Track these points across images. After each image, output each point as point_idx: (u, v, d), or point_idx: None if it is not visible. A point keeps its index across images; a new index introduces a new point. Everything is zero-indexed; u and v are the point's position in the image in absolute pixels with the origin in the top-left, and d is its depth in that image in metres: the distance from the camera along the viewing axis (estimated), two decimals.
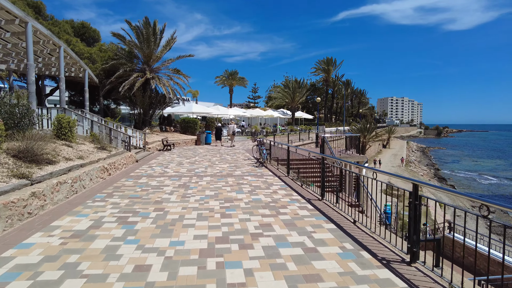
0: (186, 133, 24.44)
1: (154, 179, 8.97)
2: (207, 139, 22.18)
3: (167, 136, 20.16)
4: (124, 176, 9.44)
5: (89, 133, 11.90)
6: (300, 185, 8.33)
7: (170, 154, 15.66)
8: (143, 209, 5.86)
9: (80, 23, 27.18)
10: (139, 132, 15.30)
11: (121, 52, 23.77)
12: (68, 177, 6.75)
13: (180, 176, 9.51)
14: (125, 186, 7.93)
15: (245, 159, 13.86)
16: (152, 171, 10.33)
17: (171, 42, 24.21)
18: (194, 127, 24.33)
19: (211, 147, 19.74)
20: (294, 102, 42.31)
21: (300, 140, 27.69)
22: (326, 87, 59.33)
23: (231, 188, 7.78)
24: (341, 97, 65.29)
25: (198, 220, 5.26)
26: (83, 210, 5.73)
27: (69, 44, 21.74)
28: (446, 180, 48.31)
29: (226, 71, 61.13)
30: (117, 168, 10.17)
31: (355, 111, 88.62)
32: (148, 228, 4.85)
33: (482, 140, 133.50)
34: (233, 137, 21.58)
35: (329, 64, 57.22)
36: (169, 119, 27.39)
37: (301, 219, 5.34)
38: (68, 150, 9.13)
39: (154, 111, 25.12)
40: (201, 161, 12.97)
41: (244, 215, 5.54)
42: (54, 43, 13.69)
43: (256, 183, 8.47)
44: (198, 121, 26.37)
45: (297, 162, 12.44)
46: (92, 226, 4.89)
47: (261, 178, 9.34)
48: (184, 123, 24.40)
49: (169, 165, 11.68)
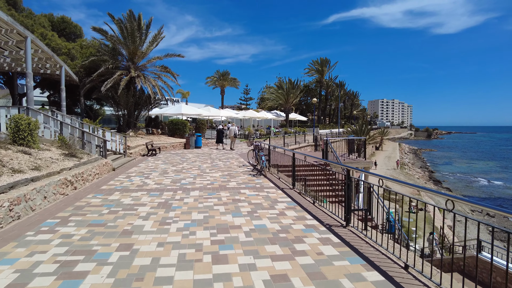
0: (174, 136, 22.63)
1: (129, 194, 7.22)
2: (197, 143, 20.42)
3: (152, 140, 18.33)
4: (93, 190, 7.66)
5: (58, 137, 10.07)
6: (311, 202, 6.71)
7: (155, 160, 13.88)
8: (102, 247, 4.15)
9: (60, 18, 25.15)
10: (119, 136, 13.48)
11: (104, 49, 21.83)
12: (5, 198, 4.99)
13: (162, 189, 7.79)
14: (90, 206, 6.17)
15: (240, 166, 12.20)
16: (129, 183, 8.57)
17: (158, 38, 22.39)
18: (183, 129, 22.54)
19: (202, 151, 18.00)
20: (288, 103, 40.78)
21: (296, 143, 26.17)
22: (320, 89, 58.06)
23: (226, 208, 6.11)
24: (335, 99, 64.17)
25: (179, 268, 3.57)
26: (13, 251, 3.97)
27: (45, 38, 19.75)
28: (441, 183, 47.52)
29: (217, 72, 59.42)
30: (86, 180, 8.38)
31: (348, 113, 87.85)
32: (101, 287, 3.15)
33: (471, 142, 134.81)
34: (234, 139, 20.18)
35: (323, 64, 56.01)
36: (156, 121, 25.52)
37: (329, 264, 3.71)
38: (23, 158, 7.33)
39: (139, 112, 23.25)
40: (189, 169, 11.25)
41: (246, 257, 3.88)
42: (19, 32, 11.79)
43: (257, 200, 6.81)
44: (188, 123, 24.60)
45: (300, 168, 10.86)
46: (11, 286, 3.16)
47: (262, 191, 7.69)
48: (172, 125, 22.59)
49: (151, 175, 9.93)
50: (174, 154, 16.32)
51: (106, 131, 13.04)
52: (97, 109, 29.45)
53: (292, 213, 5.87)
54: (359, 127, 46.29)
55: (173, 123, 22.54)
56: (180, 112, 27.44)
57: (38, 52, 14.28)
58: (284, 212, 5.88)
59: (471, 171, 57.88)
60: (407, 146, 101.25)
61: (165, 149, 18.65)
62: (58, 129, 10.66)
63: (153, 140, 17.99)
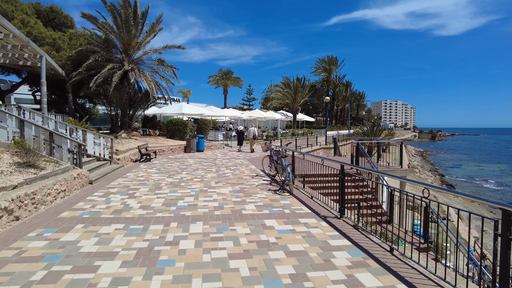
0: (173, 138, 20.13)
1: (97, 230, 4.69)
2: (199, 146, 17.90)
3: (147, 142, 15.81)
4: (45, 220, 5.14)
5: (13, 140, 7.57)
6: (388, 250, 4.15)
7: (148, 167, 11.37)
8: None
9: (48, 7, 22.69)
10: (104, 138, 10.96)
11: (96, 40, 19.33)
12: None
13: (149, 219, 5.26)
14: (16, 262, 3.64)
15: (253, 176, 9.68)
16: (104, 206, 6.05)
17: (155, 27, 19.89)
18: (183, 130, 20.02)
19: (204, 156, 15.47)
20: (295, 102, 38.14)
21: (308, 145, 23.68)
22: (327, 88, 55.43)
23: (250, 267, 3.56)
24: (342, 99, 61.54)
25: None
26: None
27: (26, 25, 17.31)
28: (454, 187, 44.82)
29: (220, 71, 57.02)
30: (42, 203, 5.85)
31: (354, 114, 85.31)
32: None
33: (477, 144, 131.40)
34: (254, 141, 19.06)
35: (331, 63, 53.43)
36: (154, 121, 23.02)
37: None
38: None
39: (135, 111, 20.76)
40: (189, 181, 8.72)
41: None
42: None
43: (296, 244, 4.26)
44: (189, 123, 22.09)
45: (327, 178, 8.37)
46: None
47: (297, 223, 5.15)
48: (171, 126, 20.07)
49: (138, 191, 7.40)
50: (173, 160, 13.78)
51: (88, 133, 10.53)
52: (90, 108, 26.98)
53: (369, 278, 3.32)
54: (370, 128, 43.73)
55: (172, 124, 20.02)
56: (181, 112, 24.97)
57: (9, 37, 11.81)
58: (356, 279, 3.33)
59: (483, 174, 55.09)
60: (413, 148, 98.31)
61: (162, 153, 16.13)
62: (17, 129, 8.15)
63: (148, 143, 15.47)
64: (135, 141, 16.25)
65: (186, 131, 20.22)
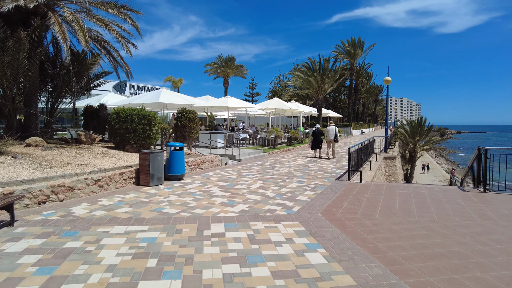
0: (126, 147, 10.26)
1: None
2: (173, 166, 8.13)
3: (50, 161, 5.87)
4: None
5: None
6: None
7: None
8: None
9: None
10: None
11: None
12: None
13: None
14: None
15: None
16: None
17: None
18: (147, 132, 10.15)
19: (181, 201, 5.66)
20: (321, 92, 28.15)
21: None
22: (350, 78, 45.39)
23: None
24: (366, 91, 51.47)
25: None
26: None
27: None
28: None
29: (219, 57, 47.03)
30: None
31: (371, 111, 75.39)
32: None
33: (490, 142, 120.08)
34: (334, 144, 14.31)
35: (356, 46, 43.39)
36: (104, 116, 12.92)
37: None
38: None
39: (58, 97, 10.91)
40: None
41: None
42: None
43: None
44: (158, 119, 12.18)
45: None
46: None
47: None
48: (119, 123, 10.11)
49: None
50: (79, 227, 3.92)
51: None
52: None
53: None
54: (413, 128, 33.81)
55: (121, 118, 10.04)
56: (157, 101, 15.11)
57: None
58: None
59: None
60: None
61: (73, 195, 6.23)
62: None
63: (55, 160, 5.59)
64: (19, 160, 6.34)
65: (153, 132, 10.34)
